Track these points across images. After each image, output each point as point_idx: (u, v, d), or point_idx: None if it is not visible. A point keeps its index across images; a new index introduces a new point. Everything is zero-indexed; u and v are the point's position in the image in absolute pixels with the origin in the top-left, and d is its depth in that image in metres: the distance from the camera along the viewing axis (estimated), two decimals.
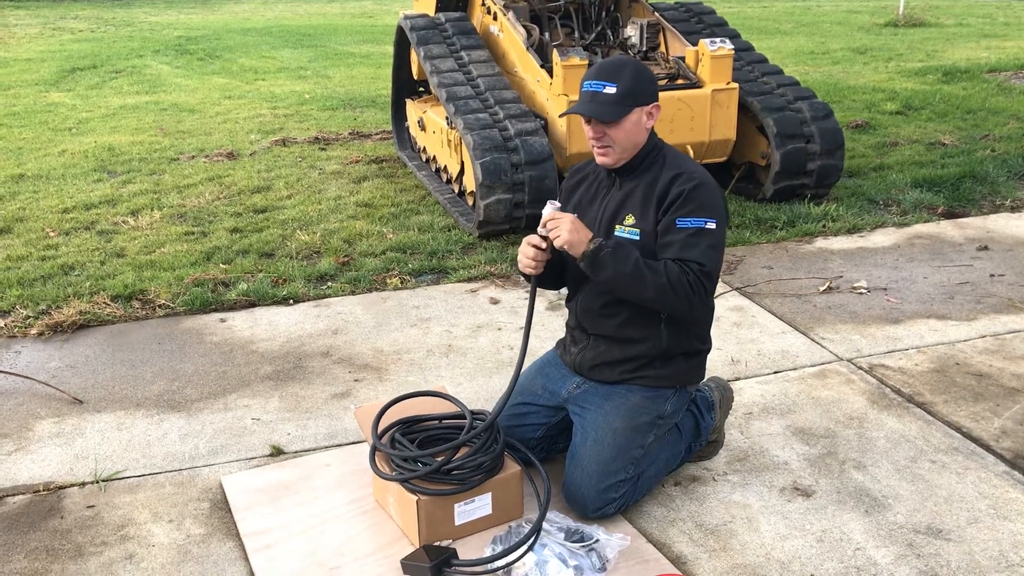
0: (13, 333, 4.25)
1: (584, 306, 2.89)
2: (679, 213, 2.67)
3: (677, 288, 2.59)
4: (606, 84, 2.69)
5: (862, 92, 9.46)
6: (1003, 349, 3.94)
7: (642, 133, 2.75)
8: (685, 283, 2.60)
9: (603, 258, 2.62)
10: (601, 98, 2.69)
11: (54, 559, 2.71)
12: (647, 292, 2.61)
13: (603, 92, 2.69)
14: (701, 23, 6.74)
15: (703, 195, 2.69)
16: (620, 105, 2.68)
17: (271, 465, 3.16)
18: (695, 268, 2.61)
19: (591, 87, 2.72)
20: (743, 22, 15.30)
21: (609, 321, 2.84)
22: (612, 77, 2.70)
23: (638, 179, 2.79)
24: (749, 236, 5.39)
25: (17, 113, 9.41)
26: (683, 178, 2.70)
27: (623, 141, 2.72)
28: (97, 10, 20.60)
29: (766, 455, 3.17)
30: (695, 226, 2.65)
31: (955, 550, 2.66)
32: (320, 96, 10.15)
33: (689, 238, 2.64)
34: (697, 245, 2.64)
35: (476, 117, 5.45)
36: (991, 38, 13.70)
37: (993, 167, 6.57)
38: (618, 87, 2.68)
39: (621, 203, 2.79)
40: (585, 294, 2.89)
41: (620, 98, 2.68)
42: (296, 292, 4.65)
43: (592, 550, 2.57)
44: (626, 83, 2.69)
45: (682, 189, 2.68)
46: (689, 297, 2.61)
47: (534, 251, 2.73)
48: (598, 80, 2.71)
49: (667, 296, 2.60)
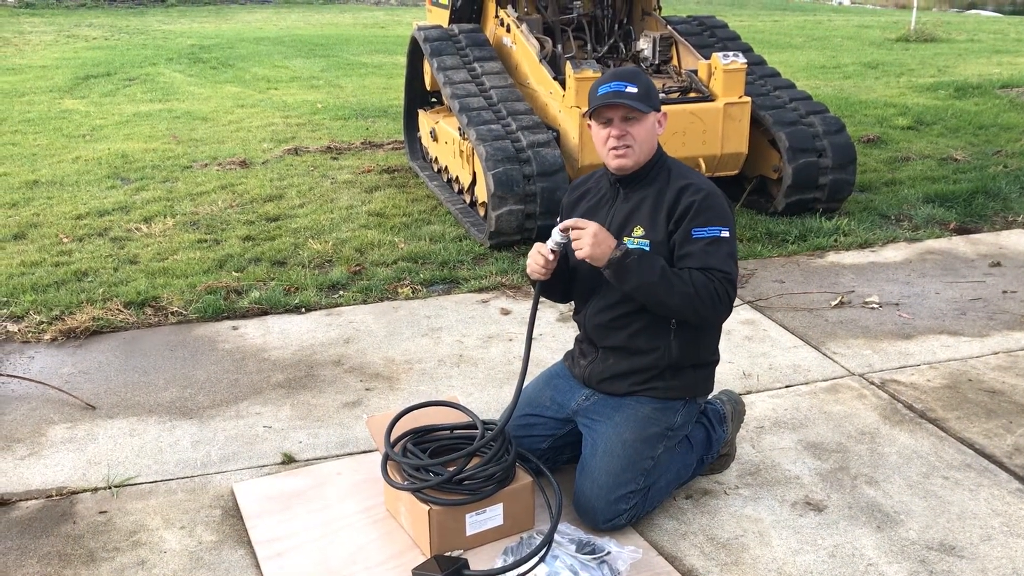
0: (27, 338, 4.27)
1: (593, 319, 2.90)
2: (694, 224, 2.68)
3: (703, 296, 2.61)
4: (627, 84, 2.73)
5: (874, 107, 9.46)
6: (1016, 366, 3.93)
7: (654, 139, 2.80)
8: (712, 290, 2.61)
9: (629, 265, 2.63)
10: (626, 95, 2.72)
11: (66, 564, 2.72)
12: (673, 300, 2.62)
13: (626, 91, 2.72)
14: (714, 36, 6.75)
15: (714, 205, 2.71)
16: (643, 102, 2.73)
17: (283, 473, 3.17)
18: (719, 276, 2.63)
19: (613, 87, 2.74)
20: (755, 36, 15.33)
21: (619, 333, 2.84)
22: (630, 79, 2.75)
23: (644, 190, 2.80)
24: (761, 250, 5.39)
25: (32, 120, 9.47)
26: (692, 189, 2.73)
27: (644, 140, 2.75)
28: (111, 18, 20.74)
29: (778, 469, 3.16)
30: (711, 235, 2.67)
31: (968, 567, 2.65)
32: (332, 106, 10.20)
33: (707, 247, 2.66)
34: (716, 254, 2.66)
35: (489, 128, 5.47)
36: (1003, 54, 13.70)
37: (1005, 183, 6.56)
38: (638, 88, 2.73)
39: (629, 215, 2.80)
40: (594, 307, 2.89)
41: (642, 96, 2.73)
42: (308, 301, 4.66)
43: (603, 562, 2.57)
44: (643, 86, 2.76)
45: (693, 200, 2.70)
46: (715, 304, 2.63)
47: (543, 260, 2.75)
48: (619, 81, 2.75)
49: (693, 304, 2.62)
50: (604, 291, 2.82)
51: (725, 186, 6.20)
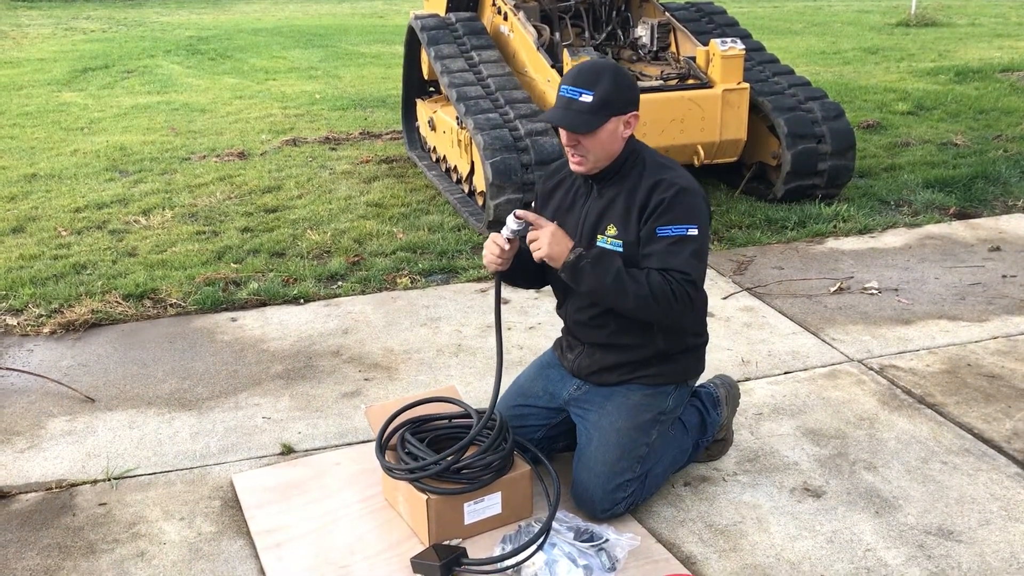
0: (26, 331, 4.28)
1: (573, 317, 2.89)
2: (659, 222, 2.62)
3: (659, 297, 2.56)
4: (582, 92, 2.59)
5: (873, 92, 9.43)
6: (1015, 350, 3.93)
7: (618, 142, 2.68)
8: (668, 292, 2.56)
9: (583, 268, 2.60)
10: (576, 106, 2.61)
11: (66, 556, 2.73)
12: (628, 303, 2.59)
13: (579, 100, 2.60)
14: (712, 23, 6.72)
15: (684, 201, 2.63)
16: (595, 115, 2.60)
17: (281, 464, 3.17)
18: (678, 277, 2.57)
19: (567, 93, 2.63)
20: (754, 22, 15.26)
21: (600, 331, 2.82)
22: (589, 84, 2.60)
23: (617, 186, 2.73)
24: (759, 236, 5.38)
25: (30, 113, 9.45)
26: (663, 185, 2.64)
27: (597, 151, 2.65)
28: (109, 10, 20.69)
29: (776, 455, 3.16)
30: (676, 234, 2.61)
31: (966, 552, 2.65)
32: (330, 96, 10.17)
33: (671, 247, 2.60)
34: (679, 253, 2.60)
35: (486, 117, 5.45)
36: (1004, 38, 13.63)
37: (1006, 167, 6.54)
38: (595, 95, 2.59)
39: (602, 213, 2.74)
40: (573, 304, 2.87)
41: (596, 107, 2.59)
42: (307, 291, 4.66)
43: (602, 550, 2.57)
44: (603, 91, 2.60)
45: (662, 198, 2.62)
46: (671, 306, 2.57)
47: (499, 249, 2.70)
48: (575, 87, 2.61)
49: (649, 306, 2.57)
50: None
51: (724, 173, 6.22)
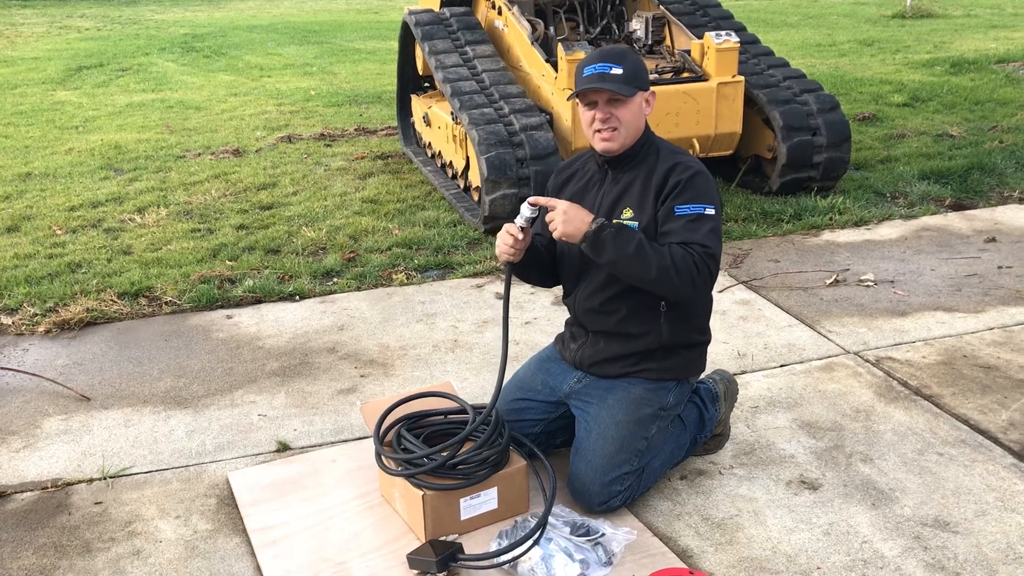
0: (21, 331, 4.27)
1: (583, 304, 2.88)
2: (678, 201, 2.67)
3: (681, 269, 2.57)
4: (612, 66, 2.70)
5: (869, 84, 9.42)
6: (1011, 341, 3.93)
7: (642, 119, 2.77)
8: (690, 263, 2.58)
9: (605, 238, 2.60)
10: (610, 78, 2.69)
11: (62, 555, 2.72)
12: (650, 273, 2.59)
13: (611, 72, 2.69)
14: (706, 16, 6.71)
15: (700, 183, 2.70)
16: (629, 84, 2.70)
17: (277, 461, 3.17)
18: (699, 250, 2.61)
19: (597, 69, 2.71)
20: (749, 15, 15.26)
21: (609, 318, 2.83)
22: (617, 60, 2.72)
23: (633, 171, 2.78)
24: (755, 229, 5.37)
25: (24, 112, 9.44)
26: (680, 168, 2.72)
27: (629, 123, 2.72)
28: (103, 8, 20.64)
29: (772, 448, 3.16)
30: (695, 212, 2.66)
31: (962, 543, 2.65)
32: (326, 92, 10.15)
33: (690, 223, 2.65)
34: (698, 229, 2.64)
35: (481, 112, 5.44)
36: (999, 28, 13.62)
37: (1001, 158, 6.53)
38: (624, 69, 2.70)
39: (618, 197, 2.78)
40: (583, 291, 2.87)
41: (628, 78, 2.70)
42: (302, 288, 4.65)
43: (598, 544, 2.57)
44: (630, 65, 2.72)
45: (679, 179, 2.69)
46: (693, 278, 2.59)
47: (512, 239, 2.72)
48: (604, 62, 2.71)
49: (671, 277, 2.58)
50: (591, 274, 2.81)
51: (720, 166, 6.21)
